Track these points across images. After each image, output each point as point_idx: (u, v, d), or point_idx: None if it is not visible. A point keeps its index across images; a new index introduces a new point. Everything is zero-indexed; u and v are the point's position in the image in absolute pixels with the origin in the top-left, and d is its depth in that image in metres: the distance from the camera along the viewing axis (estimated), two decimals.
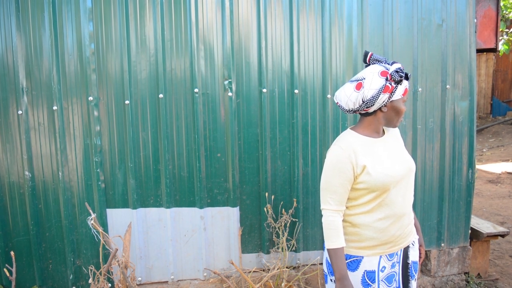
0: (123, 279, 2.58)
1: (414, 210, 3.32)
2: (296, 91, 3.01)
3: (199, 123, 2.92)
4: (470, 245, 3.61)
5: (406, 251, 2.09)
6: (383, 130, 2.07)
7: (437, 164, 3.36)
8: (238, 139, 3.01)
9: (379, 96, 1.85)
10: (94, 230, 2.53)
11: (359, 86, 1.88)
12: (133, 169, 2.90)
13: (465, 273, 3.63)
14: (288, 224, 3.00)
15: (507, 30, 7.91)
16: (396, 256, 2.04)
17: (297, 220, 3.10)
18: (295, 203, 3.04)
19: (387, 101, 1.88)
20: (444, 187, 3.39)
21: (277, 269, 2.96)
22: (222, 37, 2.91)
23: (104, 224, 2.90)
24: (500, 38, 7.62)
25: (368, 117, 1.98)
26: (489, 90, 13.21)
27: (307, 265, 3.18)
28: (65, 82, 2.79)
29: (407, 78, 1.89)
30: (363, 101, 1.87)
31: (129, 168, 2.89)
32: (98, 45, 2.79)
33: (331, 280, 2.03)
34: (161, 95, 2.87)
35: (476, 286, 3.60)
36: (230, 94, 2.94)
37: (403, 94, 1.91)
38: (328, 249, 1.94)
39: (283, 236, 2.96)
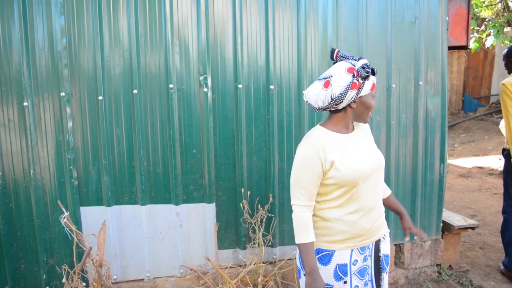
0: (98, 278, 2.55)
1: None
2: (271, 86, 3.01)
3: (174, 119, 2.89)
4: (442, 238, 3.70)
5: (377, 244, 2.14)
6: (353, 125, 2.09)
7: (410, 159, 3.42)
8: (214, 135, 2.99)
9: (347, 92, 1.87)
10: (67, 229, 2.48)
11: (327, 84, 1.89)
12: (107, 166, 2.85)
13: (437, 265, 3.71)
14: (264, 220, 3.01)
15: (478, 28, 8.10)
16: (368, 249, 2.08)
17: (273, 215, 3.11)
18: (271, 198, 3.05)
19: (356, 97, 1.91)
20: (417, 182, 3.45)
21: (254, 264, 2.97)
22: (198, 32, 2.88)
23: (77, 222, 2.85)
24: (471, 36, 7.79)
25: (337, 114, 2.00)
26: (460, 86, 13.50)
27: (283, 260, 3.19)
28: (36, 78, 2.71)
29: (373, 73, 1.92)
30: (332, 99, 1.89)
31: (103, 165, 2.84)
32: (70, 39, 2.73)
33: (304, 274, 2.05)
34: (135, 91, 2.83)
35: (448, 278, 3.69)
36: (205, 89, 2.92)
37: (371, 89, 1.94)
38: (298, 244, 1.97)
39: (259, 232, 2.97)
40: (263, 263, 3.02)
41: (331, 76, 1.90)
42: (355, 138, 2.04)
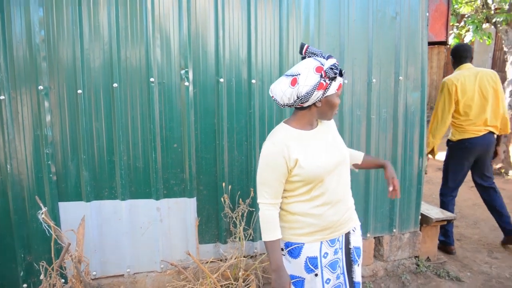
0: (77, 274, 2.52)
1: (368, 197, 3.42)
2: (253, 80, 3.00)
3: (155, 113, 2.87)
4: (420, 230, 3.76)
5: (347, 237, 2.16)
6: (317, 122, 2.10)
7: (390, 153, 3.46)
8: (195, 129, 2.98)
9: (313, 92, 1.87)
10: (45, 225, 2.44)
11: (294, 82, 1.89)
12: (87, 161, 2.81)
13: (416, 257, 3.78)
14: (245, 214, 3.01)
15: (457, 24, 8.20)
16: (338, 242, 2.11)
17: (254, 209, 3.11)
18: (252, 192, 3.05)
19: (322, 96, 1.92)
20: (396, 175, 3.49)
21: (235, 258, 2.97)
22: (179, 26, 2.85)
23: (56, 218, 2.80)
24: (451, 32, 7.89)
25: (302, 111, 2.02)
26: (440, 82, 13.66)
27: (264, 254, 3.21)
28: (13, 70, 2.65)
29: (341, 74, 1.92)
30: (297, 97, 1.90)
31: (82, 160, 2.80)
32: (48, 31, 2.67)
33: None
34: (115, 84, 2.78)
35: (426, 269, 3.75)
36: (186, 83, 2.89)
37: (337, 89, 1.94)
38: (264, 242, 2.00)
39: (240, 226, 2.97)
40: (244, 257, 3.02)
41: (299, 74, 1.89)
42: (318, 134, 2.06)
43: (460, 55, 4.12)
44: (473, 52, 4.16)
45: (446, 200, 4.20)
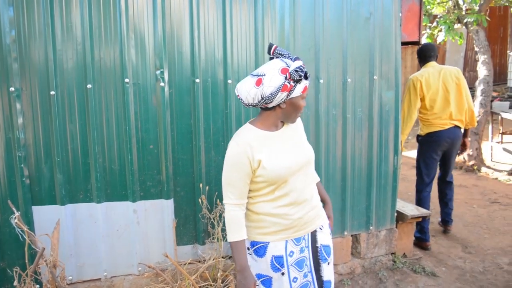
0: (52, 279, 2.47)
1: (345, 195, 3.45)
2: (229, 81, 3.00)
3: (130, 114, 2.83)
4: (396, 227, 3.81)
5: (314, 235, 2.17)
6: (283, 122, 2.12)
7: (366, 152, 3.50)
8: (171, 130, 2.96)
9: (277, 93, 1.88)
10: (19, 230, 2.39)
11: (259, 82, 1.90)
12: (61, 163, 2.76)
13: (392, 253, 3.83)
14: (223, 214, 2.99)
15: (430, 24, 8.36)
16: (304, 240, 2.13)
17: None
18: None
19: (286, 98, 1.92)
20: (372, 173, 3.54)
21: (213, 259, 2.96)
22: (154, 26, 2.82)
23: (30, 222, 2.74)
24: (423, 32, 8.04)
25: (267, 111, 2.03)
26: None
27: None
28: None
29: (306, 77, 1.93)
30: (262, 98, 1.90)
31: (56, 163, 2.75)
32: (19, 32, 2.61)
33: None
34: (89, 85, 2.74)
35: (402, 265, 3.81)
36: (162, 84, 2.87)
37: (302, 92, 1.95)
38: (229, 242, 2.01)
39: (218, 227, 2.96)
40: (222, 257, 3.01)
41: (264, 75, 1.90)
42: (284, 135, 2.08)
43: (425, 54, 4.32)
44: (437, 51, 4.38)
45: (423, 196, 4.36)
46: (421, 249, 4.23)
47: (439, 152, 4.29)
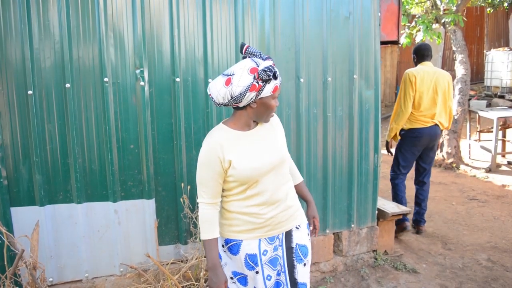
0: (32, 281, 2.44)
1: (326, 194, 3.47)
2: (210, 80, 2.99)
3: (110, 114, 2.81)
4: (377, 225, 3.85)
5: (289, 235, 2.16)
6: (256, 122, 2.11)
7: (346, 150, 3.53)
8: (152, 130, 2.94)
9: (246, 93, 1.87)
10: None
11: (228, 82, 1.89)
12: (39, 164, 2.73)
13: (374, 251, 3.87)
14: None
15: (408, 24, 8.47)
16: (278, 239, 2.12)
17: None
18: None
19: (255, 98, 1.92)
20: (353, 172, 3.57)
21: (196, 259, 2.96)
22: (133, 24, 2.80)
23: (8, 224, 2.70)
24: (402, 31, 8.14)
25: (239, 111, 2.02)
26: (394, 80, 14.09)
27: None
28: None
29: (275, 77, 1.91)
30: (231, 97, 1.90)
31: (34, 163, 2.71)
32: None
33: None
34: (68, 85, 2.71)
35: (384, 262, 3.85)
36: (142, 83, 2.85)
37: (272, 92, 1.94)
38: (202, 240, 2.02)
39: None
40: (204, 257, 3.00)
41: (233, 74, 1.89)
42: (256, 135, 2.07)
43: (422, 53, 4.50)
44: (431, 52, 4.59)
45: (398, 181, 4.59)
46: (401, 231, 4.48)
47: (419, 148, 4.47)
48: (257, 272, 2.06)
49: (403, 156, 4.52)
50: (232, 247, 2.08)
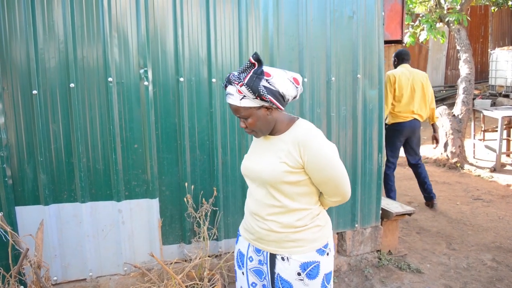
0: (37, 280, 2.45)
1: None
2: (213, 80, 3.00)
3: (114, 114, 2.82)
4: (381, 225, 3.84)
5: (273, 259, 1.93)
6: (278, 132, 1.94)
7: (350, 150, 3.53)
8: (156, 129, 2.95)
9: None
10: (2, 230, 2.36)
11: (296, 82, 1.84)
12: (44, 163, 2.74)
13: (377, 250, 3.86)
14: (209, 213, 3.00)
15: (412, 23, 8.44)
16: (263, 256, 1.96)
17: (217, 208, 3.11)
18: (215, 192, 3.04)
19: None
20: (357, 172, 3.56)
21: (199, 258, 2.96)
22: (137, 24, 2.81)
23: (13, 223, 2.71)
24: (406, 31, 8.12)
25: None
26: None
27: (228, 252, 3.21)
28: None
29: (225, 86, 1.82)
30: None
31: (39, 162, 2.73)
32: (0, 31, 2.58)
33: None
34: (72, 85, 2.72)
35: (387, 262, 3.84)
36: (146, 83, 2.86)
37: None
38: None
39: (204, 226, 2.96)
40: (208, 256, 3.01)
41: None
42: (265, 143, 1.95)
43: (402, 57, 5.31)
44: (410, 56, 5.42)
45: (388, 172, 5.18)
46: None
47: (401, 139, 5.19)
48: (243, 273, 2.05)
49: (390, 146, 5.16)
50: (237, 237, 2.12)
